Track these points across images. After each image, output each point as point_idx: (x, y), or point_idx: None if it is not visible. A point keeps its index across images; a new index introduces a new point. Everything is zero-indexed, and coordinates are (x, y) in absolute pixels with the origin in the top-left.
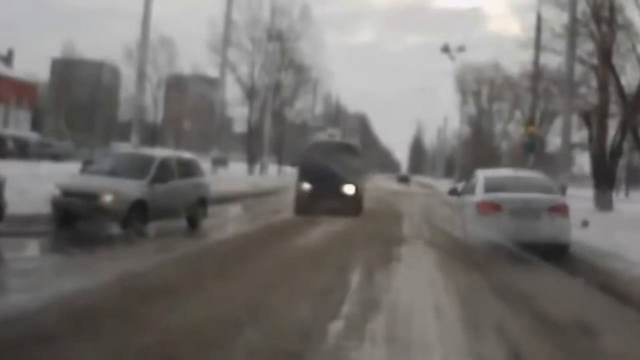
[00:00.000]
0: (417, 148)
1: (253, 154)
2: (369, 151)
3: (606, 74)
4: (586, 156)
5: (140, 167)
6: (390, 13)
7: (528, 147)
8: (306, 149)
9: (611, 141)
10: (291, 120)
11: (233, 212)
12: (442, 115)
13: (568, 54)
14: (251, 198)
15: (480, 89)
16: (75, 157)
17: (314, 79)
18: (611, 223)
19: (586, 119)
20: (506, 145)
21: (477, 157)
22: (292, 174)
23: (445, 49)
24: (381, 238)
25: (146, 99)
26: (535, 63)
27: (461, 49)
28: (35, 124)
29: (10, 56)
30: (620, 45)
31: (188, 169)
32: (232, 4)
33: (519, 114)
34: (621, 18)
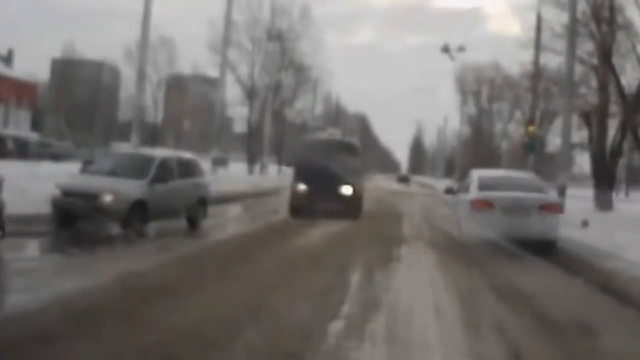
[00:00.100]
0: (417, 148)
1: (253, 154)
2: (369, 151)
3: (606, 74)
4: (586, 156)
5: (140, 167)
6: (390, 13)
7: (528, 147)
8: (302, 147)
9: (611, 141)
10: (291, 120)
11: (233, 212)
12: (442, 115)
13: (568, 54)
14: (251, 198)
15: (480, 89)
16: (75, 157)
17: (314, 79)
18: (611, 223)
19: (586, 119)
20: (506, 145)
21: (477, 157)
22: (291, 174)
23: (445, 49)
24: (381, 238)
25: (146, 99)
26: (535, 63)
27: (461, 49)
28: (35, 124)
29: (10, 56)
30: (620, 45)
31: (188, 169)
32: (232, 4)
33: (519, 114)
34: (621, 18)
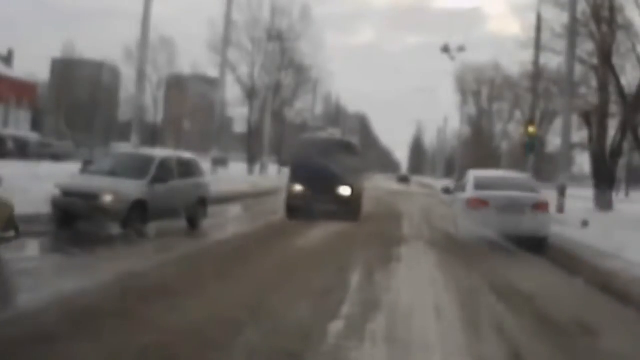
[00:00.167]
0: (417, 148)
1: (253, 154)
2: (369, 151)
3: (606, 74)
4: (586, 156)
5: (140, 167)
6: (390, 13)
7: (528, 147)
8: (299, 146)
9: (611, 141)
10: (291, 120)
11: (233, 212)
12: (442, 115)
13: (568, 54)
14: (251, 198)
15: (480, 89)
16: (75, 157)
17: (314, 79)
18: (611, 223)
19: (586, 119)
20: (506, 145)
21: (477, 157)
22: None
23: (445, 49)
24: (381, 237)
25: (146, 99)
26: (535, 63)
27: (461, 49)
28: (35, 124)
29: (10, 56)
30: (620, 45)
31: (188, 169)
32: (232, 4)
33: (519, 114)
34: (621, 18)
